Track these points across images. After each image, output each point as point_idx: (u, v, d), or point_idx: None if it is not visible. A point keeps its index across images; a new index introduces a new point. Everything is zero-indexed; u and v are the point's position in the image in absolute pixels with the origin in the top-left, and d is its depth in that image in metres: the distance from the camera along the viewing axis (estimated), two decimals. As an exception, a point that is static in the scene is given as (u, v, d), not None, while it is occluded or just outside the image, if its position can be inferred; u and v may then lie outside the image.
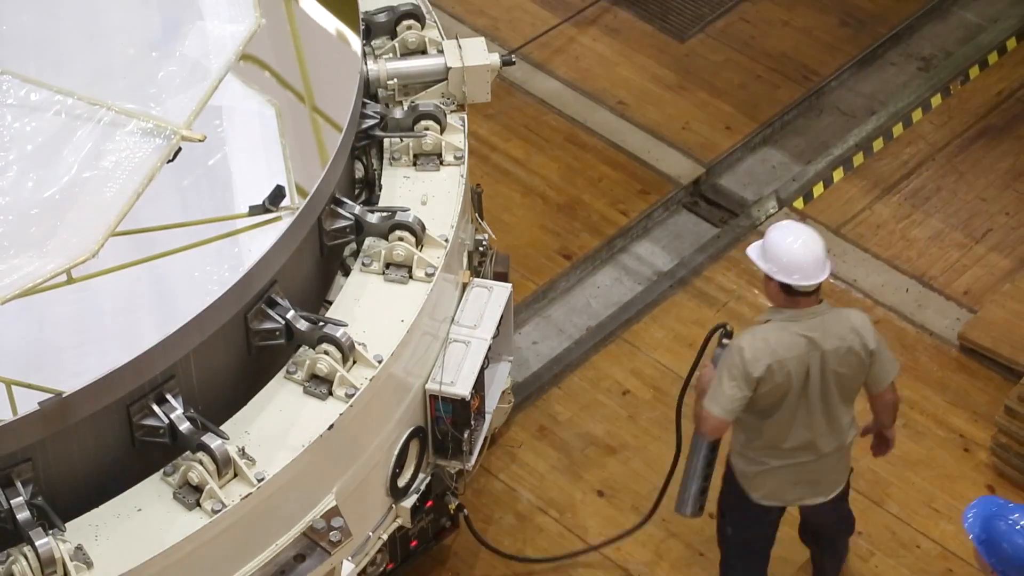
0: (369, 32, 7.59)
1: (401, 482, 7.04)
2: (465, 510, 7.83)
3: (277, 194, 6.36)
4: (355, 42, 7.22)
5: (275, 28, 7.31)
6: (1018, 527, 5.99)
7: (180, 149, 5.96)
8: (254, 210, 6.37)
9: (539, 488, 8.27)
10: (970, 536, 6.07)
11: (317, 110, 7.24)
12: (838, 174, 9.64)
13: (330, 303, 6.81)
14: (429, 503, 7.33)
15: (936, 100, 10.02)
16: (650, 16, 10.45)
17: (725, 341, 7.20)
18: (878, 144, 9.78)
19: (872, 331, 7.04)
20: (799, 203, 9.51)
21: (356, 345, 6.49)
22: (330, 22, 7.49)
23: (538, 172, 9.60)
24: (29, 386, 5.78)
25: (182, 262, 6.22)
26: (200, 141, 6.04)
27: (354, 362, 6.49)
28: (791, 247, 6.85)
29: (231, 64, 6.25)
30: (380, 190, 7.20)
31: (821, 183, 9.63)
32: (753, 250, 7.03)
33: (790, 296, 6.90)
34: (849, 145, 9.77)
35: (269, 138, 6.78)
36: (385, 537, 7.08)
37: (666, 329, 8.92)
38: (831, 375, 6.99)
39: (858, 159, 9.73)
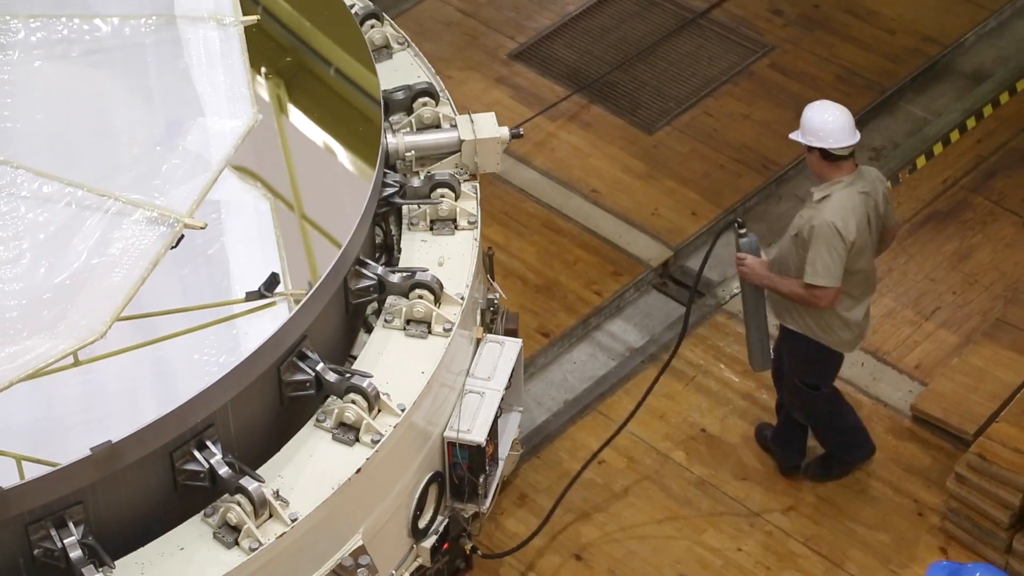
0: (388, 108, 7.65)
1: (421, 523, 7.13)
2: (479, 551, 7.88)
3: (272, 281, 6.37)
4: (376, 118, 7.36)
5: (303, 106, 7.56)
6: None
7: (183, 236, 5.94)
8: (251, 296, 6.37)
9: (520, 553, 8.14)
10: None
11: (342, 179, 7.41)
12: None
13: (354, 358, 6.89)
14: (445, 544, 7.33)
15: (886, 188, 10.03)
16: (620, 111, 10.45)
17: (742, 231, 7.89)
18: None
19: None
20: (761, 283, 9.50)
21: (381, 395, 6.59)
22: (354, 100, 7.64)
23: (517, 255, 9.58)
24: (38, 461, 5.72)
25: (182, 345, 6.22)
26: (202, 228, 6.01)
27: (379, 411, 6.60)
28: (825, 119, 7.54)
29: (230, 157, 6.23)
30: (399, 253, 7.27)
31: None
32: (795, 135, 7.67)
33: (833, 163, 7.53)
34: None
35: (264, 230, 6.82)
36: (407, 575, 7.18)
37: (637, 401, 8.85)
38: (876, 221, 7.73)
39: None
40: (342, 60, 8.01)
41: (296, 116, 7.85)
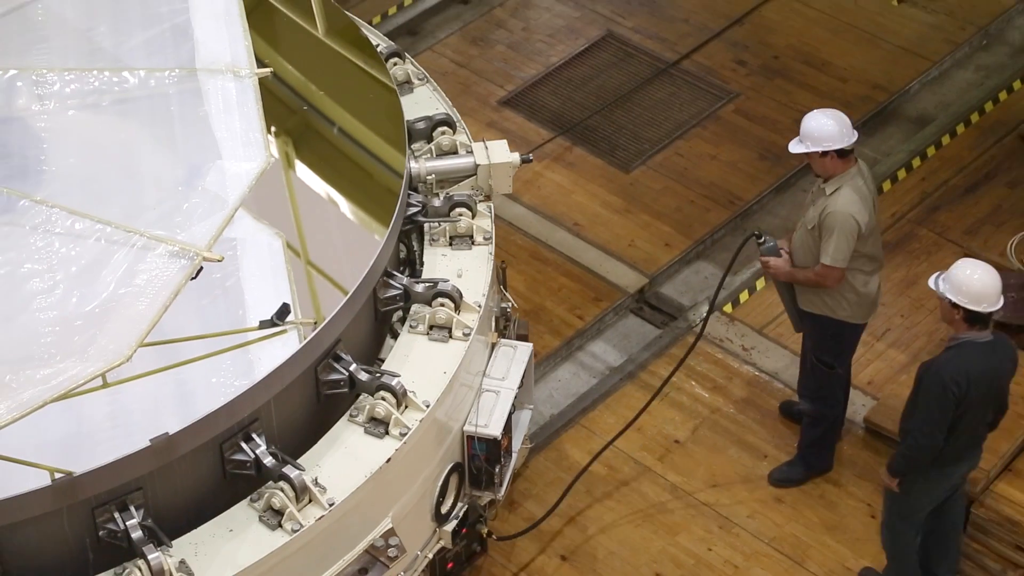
0: (411, 137, 7.71)
1: (444, 509, 7.13)
2: (494, 535, 7.85)
3: (283, 311, 6.37)
4: (401, 146, 7.44)
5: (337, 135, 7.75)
6: None
7: (202, 268, 5.91)
8: (263, 324, 6.38)
9: (511, 554, 8.13)
10: None
11: (371, 200, 7.46)
12: (760, 283, 9.56)
13: (382, 361, 6.96)
14: (464, 529, 7.33)
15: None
16: (600, 152, 10.44)
17: (760, 241, 7.99)
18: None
19: None
20: (728, 307, 9.45)
21: (408, 392, 6.65)
22: (382, 129, 7.71)
23: (508, 283, 9.55)
24: (68, 473, 5.70)
25: (201, 369, 6.22)
26: (219, 261, 5.97)
27: (406, 407, 6.65)
28: (831, 125, 7.71)
29: (246, 196, 6.21)
30: (421, 266, 7.36)
31: (747, 290, 9.58)
32: (801, 147, 7.79)
33: (844, 159, 7.68)
34: (767, 240, 9.72)
35: (276, 264, 6.81)
36: (431, 556, 7.17)
37: (617, 415, 8.83)
38: (876, 203, 7.96)
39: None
40: (370, 93, 8.09)
41: (330, 143, 7.94)
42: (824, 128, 7.68)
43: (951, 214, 9.93)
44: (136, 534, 5.96)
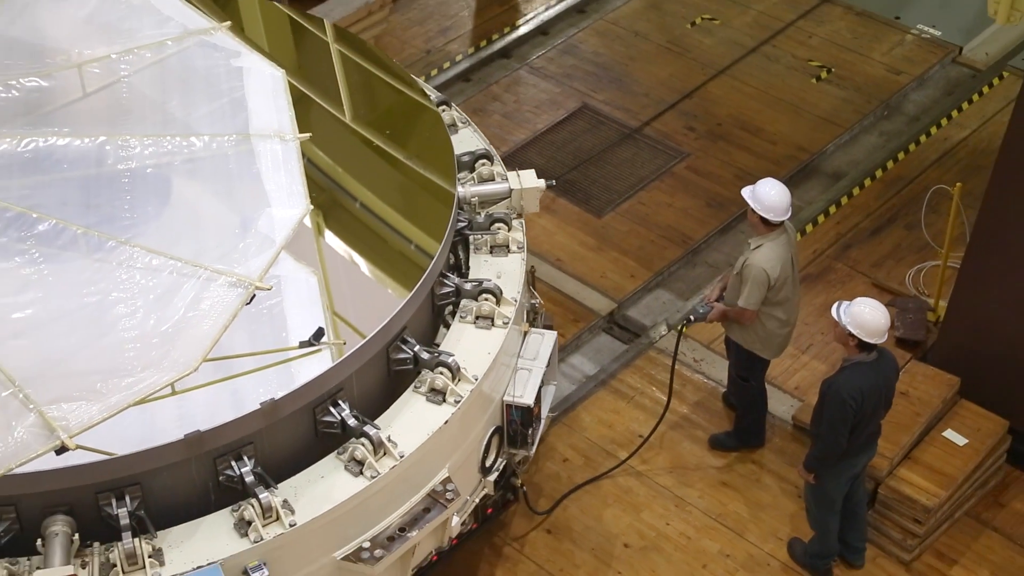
0: (458, 167, 7.80)
1: (487, 463, 7.17)
2: (524, 487, 7.99)
3: (319, 333, 6.38)
4: (452, 174, 7.63)
5: (402, 166, 7.87)
6: None
7: (254, 296, 5.92)
8: (303, 344, 6.39)
9: (505, 527, 8.10)
10: None
11: (429, 217, 7.51)
12: (681, 326, 9.55)
13: (437, 345, 7.01)
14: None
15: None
16: (578, 201, 10.44)
17: (693, 319, 8.17)
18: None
19: None
20: (682, 328, 9.44)
21: (460, 368, 6.72)
22: (437, 162, 7.80)
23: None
24: (197, 431, 5.88)
25: (251, 380, 6.27)
26: (268, 290, 6.00)
27: (459, 380, 6.72)
28: (775, 199, 7.66)
29: (290, 237, 6.23)
30: (468, 270, 7.44)
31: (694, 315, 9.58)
32: (748, 195, 7.74)
33: (770, 226, 7.68)
34: (697, 306, 9.70)
35: (313, 296, 6.85)
36: (477, 501, 7.21)
37: (592, 415, 8.81)
38: (796, 259, 7.95)
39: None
40: (428, 133, 8.17)
41: (396, 172, 8.00)
42: (770, 199, 7.67)
43: (861, 251, 9.94)
44: (249, 478, 6.10)
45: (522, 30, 12.12)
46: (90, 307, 5.87)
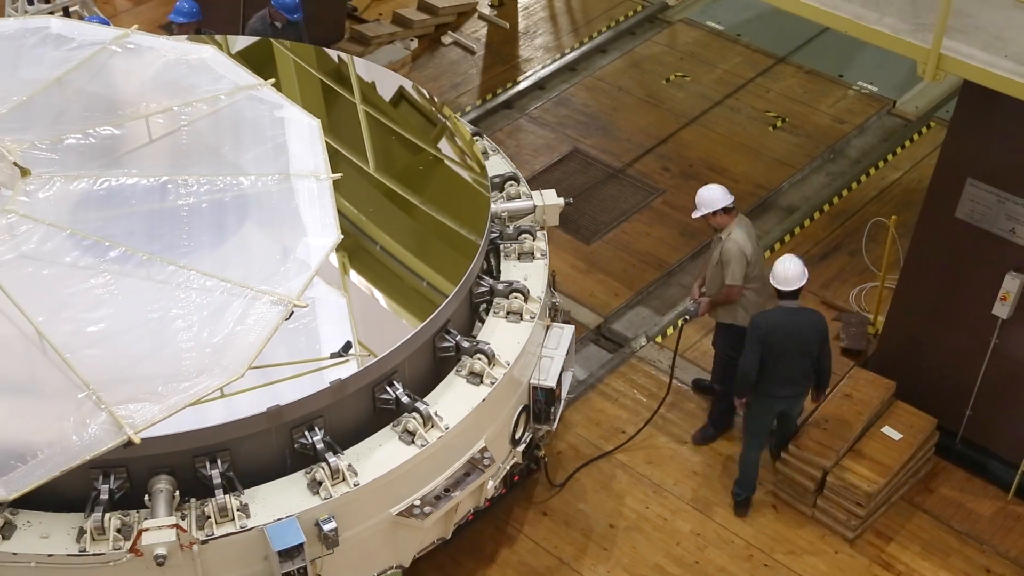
0: (490, 188, 7.89)
1: (516, 436, 7.26)
2: (546, 458, 8.06)
3: (347, 346, 6.39)
4: (487, 194, 7.76)
5: (446, 187, 8.04)
6: None
7: (292, 313, 5.89)
8: (333, 355, 6.42)
9: (505, 511, 8.05)
10: None
11: (467, 229, 7.56)
12: (681, 321, 9.53)
13: (474, 337, 7.08)
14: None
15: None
16: (569, 230, 10.38)
17: (688, 316, 8.43)
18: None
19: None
20: (659, 339, 9.43)
21: (495, 355, 6.85)
22: (473, 183, 7.93)
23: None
24: (277, 404, 6.09)
25: (287, 386, 6.29)
26: (305, 308, 5.98)
27: (494, 365, 6.85)
28: (717, 193, 7.81)
29: (323, 262, 6.21)
30: (499, 274, 7.55)
31: (671, 327, 9.55)
32: (700, 214, 7.83)
33: (728, 214, 7.82)
34: (688, 305, 9.69)
35: (342, 314, 6.88)
36: (507, 468, 7.29)
37: (582, 414, 8.77)
38: (758, 245, 8.04)
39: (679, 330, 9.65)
40: (466, 160, 8.27)
41: (441, 191, 8.09)
42: (711, 196, 7.84)
43: (811, 274, 9.62)
44: (320, 446, 6.27)
45: (522, 85, 12.12)
46: (153, 321, 5.85)
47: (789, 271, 7.41)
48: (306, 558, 5.95)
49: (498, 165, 8.24)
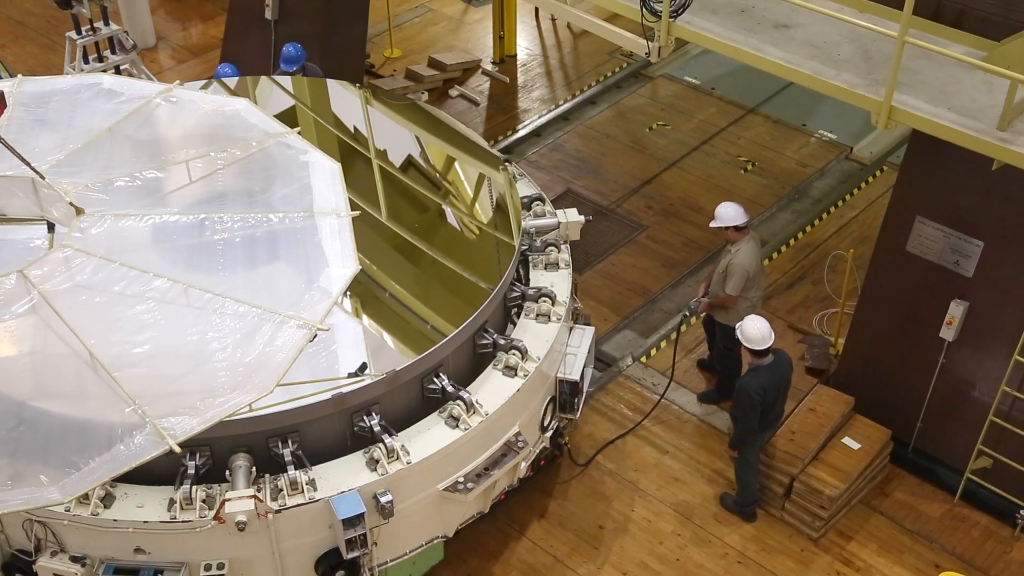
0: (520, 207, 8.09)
1: (545, 423, 7.36)
2: (568, 444, 8.16)
3: (363, 366, 6.42)
4: (519, 212, 7.90)
5: (482, 206, 8.15)
6: None
7: (316, 335, 5.90)
8: (351, 375, 6.48)
9: (506, 514, 8.01)
10: None
11: (502, 243, 7.76)
12: (664, 343, 9.57)
13: (508, 336, 7.20)
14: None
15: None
16: (563, 263, 10.46)
17: (691, 312, 8.49)
18: (684, 326, 9.73)
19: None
20: (643, 359, 9.44)
21: (527, 351, 6.98)
22: (506, 202, 8.05)
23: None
24: (340, 390, 6.29)
25: (309, 404, 6.34)
26: (327, 331, 5.98)
27: (527, 359, 6.98)
28: (734, 212, 8.05)
29: (344, 290, 6.22)
30: (528, 281, 7.66)
31: (655, 348, 9.55)
32: (718, 224, 8.07)
33: (741, 231, 8.05)
34: (668, 328, 9.71)
35: (358, 338, 6.97)
36: (536, 452, 7.39)
37: (574, 425, 8.79)
38: (762, 259, 8.25)
39: (673, 335, 9.61)
40: (499, 182, 8.39)
41: (477, 210, 8.26)
42: (727, 213, 8.09)
43: (779, 301, 9.92)
44: (376, 428, 6.42)
45: (520, 133, 12.20)
46: (191, 344, 5.85)
47: (762, 331, 7.35)
48: (366, 526, 6.15)
49: (524, 188, 8.43)
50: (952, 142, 6.55)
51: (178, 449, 5.41)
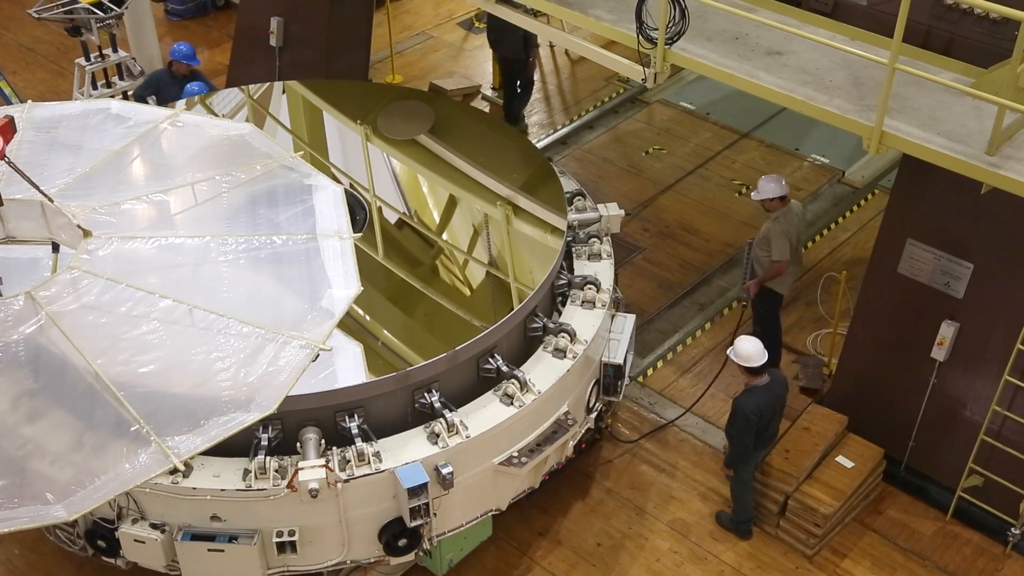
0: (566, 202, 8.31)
1: (590, 405, 7.57)
2: (609, 427, 8.47)
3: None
4: (564, 207, 8.16)
5: (533, 205, 8.26)
6: None
7: (318, 355, 5.91)
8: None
9: (504, 531, 7.98)
10: None
11: (550, 236, 7.93)
12: (660, 363, 9.55)
13: (556, 321, 7.42)
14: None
15: (708, 325, 10.02)
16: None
17: (743, 300, 8.79)
18: (680, 346, 9.72)
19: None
20: (640, 378, 9.43)
21: (575, 334, 7.18)
22: (552, 199, 8.23)
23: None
24: (405, 368, 6.62)
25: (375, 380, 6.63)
26: (329, 351, 5.98)
27: (575, 342, 7.18)
28: (777, 185, 8.29)
29: (344, 312, 6.23)
30: (573, 270, 7.87)
31: (651, 368, 9.53)
32: (758, 196, 8.36)
33: (781, 201, 8.32)
34: (665, 348, 9.70)
35: (358, 361, 7.03)
36: (582, 431, 7.57)
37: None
38: (800, 228, 8.55)
39: (670, 356, 9.63)
40: (546, 180, 8.54)
41: (530, 208, 8.32)
42: (767, 187, 8.37)
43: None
44: (437, 404, 6.69)
45: (520, 157, 12.24)
46: (196, 363, 5.85)
47: (756, 349, 7.37)
48: (429, 496, 6.41)
49: (567, 184, 8.62)
50: (942, 166, 6.58)
51: (183, 467, 5.40)
